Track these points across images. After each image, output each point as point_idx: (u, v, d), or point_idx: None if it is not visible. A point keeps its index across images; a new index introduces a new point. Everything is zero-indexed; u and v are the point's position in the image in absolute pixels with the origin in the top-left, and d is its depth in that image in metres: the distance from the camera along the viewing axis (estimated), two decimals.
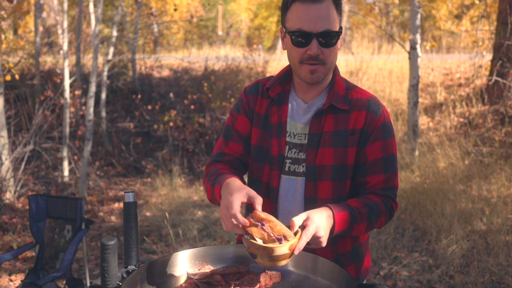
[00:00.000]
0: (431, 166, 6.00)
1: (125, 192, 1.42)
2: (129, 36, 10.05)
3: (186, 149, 7.93)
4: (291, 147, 1.64)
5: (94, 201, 6.34)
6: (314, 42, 1.50)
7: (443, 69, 9.77)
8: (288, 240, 1.31)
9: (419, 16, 5.68)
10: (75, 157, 7.64)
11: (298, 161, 1.63)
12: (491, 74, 7.75)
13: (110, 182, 7.44)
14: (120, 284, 1.25)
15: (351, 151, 1.60)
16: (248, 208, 1.58)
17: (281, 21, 1.60)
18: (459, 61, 10.05)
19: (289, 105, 1.66)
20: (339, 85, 1.63)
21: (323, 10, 1.49)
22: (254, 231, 1.32)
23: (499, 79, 7.49)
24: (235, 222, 1.33)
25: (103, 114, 8.62)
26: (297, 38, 1.51)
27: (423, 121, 7.84)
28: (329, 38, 1.51)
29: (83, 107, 8.33)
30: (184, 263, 1.49)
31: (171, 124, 7.83)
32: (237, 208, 1.33)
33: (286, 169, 1.64)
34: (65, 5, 7.40)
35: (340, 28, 1.55)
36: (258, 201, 1.36)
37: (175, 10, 8.56)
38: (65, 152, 7.26)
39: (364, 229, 1.55)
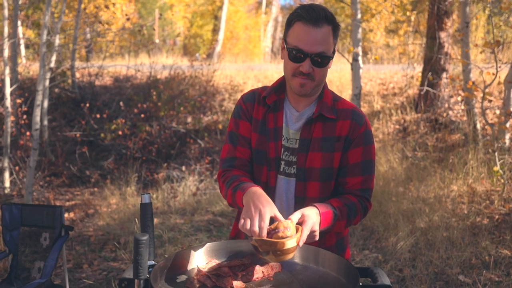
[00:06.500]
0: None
1: (141, 194, 1.55)
2: (69, 45, 9.82)
3: (135, 157, 7.87)
4: (284, 150, 1.82)
5: None
6: (308, 61, 1.68)
7: (378, 79, 10.37)
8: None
9: (360, 30, 6.09)
10: (17, 168, 7.38)
11: (290, 163, 1.81)
12: (422, 84, 8.37)
13: (55, 192, 7.25)
14: (148, 276, 1.38)
15: (337, 156, 1.79)
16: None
17: (284, 33, 1.77)
18: (392, 72, 10.70)
19: (284, 112, 1.84)
20: (327, 96, 1.83)
21: (321, 35, 1.66)
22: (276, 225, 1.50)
23: (429, 89, 8.11)
24: (258, 230, 1.48)
25: (45, 123, 8.38)
26: (294, 55, 1.69)
27: None
28: (322, 60, 1.69)
29: (24, 116, 8.06)
30: (194, 258, 1.63)
31: (120, 132, 7.75)
32: (267, 222, 1.49)
33: (281, 169, 1.82)
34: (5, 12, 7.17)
35: (334, 51, 1.74)
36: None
37: (128, 19, 8.47)
38: (6, 163, 7.00)
39: (344, 225, 1.76)
